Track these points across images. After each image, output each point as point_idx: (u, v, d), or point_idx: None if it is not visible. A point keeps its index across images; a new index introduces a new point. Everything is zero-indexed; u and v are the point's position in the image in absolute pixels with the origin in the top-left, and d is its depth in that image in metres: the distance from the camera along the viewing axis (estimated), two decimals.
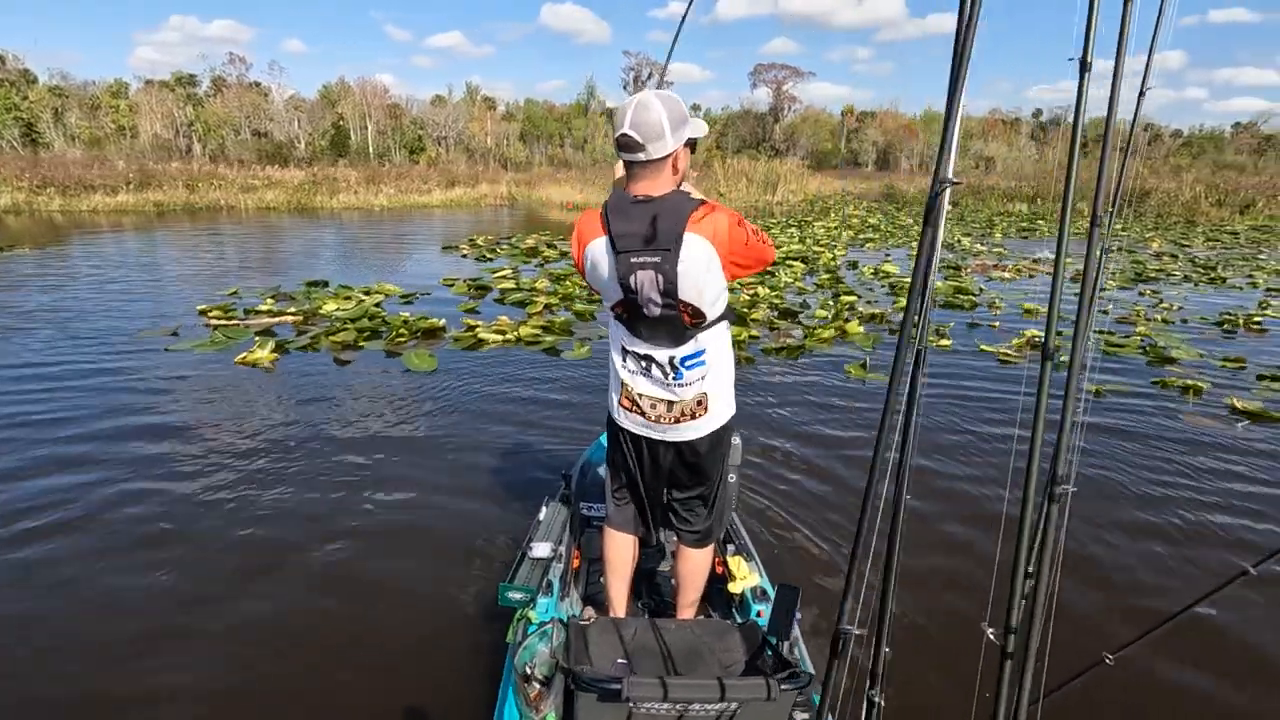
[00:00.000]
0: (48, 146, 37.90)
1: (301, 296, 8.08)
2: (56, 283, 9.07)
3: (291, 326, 6.90)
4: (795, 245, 13.69)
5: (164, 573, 2.88)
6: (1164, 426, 4.61)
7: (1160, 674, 2.40)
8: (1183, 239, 16.45)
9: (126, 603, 2.71)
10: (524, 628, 1.96)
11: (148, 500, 3.46)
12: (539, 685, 1.66)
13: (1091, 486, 3.75)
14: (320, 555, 3.03)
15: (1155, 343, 6.58)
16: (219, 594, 2.75)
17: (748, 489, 3.58)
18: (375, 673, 2.36)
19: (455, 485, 3.69)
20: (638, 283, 1.69)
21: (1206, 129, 62.03)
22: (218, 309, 7.34)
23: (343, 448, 4.10)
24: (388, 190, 26.88)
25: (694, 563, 2.09)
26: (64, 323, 6.93)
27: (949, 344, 6.47)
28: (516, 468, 3.90)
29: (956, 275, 10.59)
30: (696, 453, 1.93)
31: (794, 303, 8.31)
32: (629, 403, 1.91)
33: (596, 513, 2.56)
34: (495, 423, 4.53)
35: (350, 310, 7.03)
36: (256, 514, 3.35)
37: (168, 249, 13.31)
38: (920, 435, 3.51)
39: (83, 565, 2.93)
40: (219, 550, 3.05)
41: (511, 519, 3.29)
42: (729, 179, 29.55)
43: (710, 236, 1.65)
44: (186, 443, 4.15)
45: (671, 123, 1.63)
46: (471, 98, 55.54)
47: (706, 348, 1.80)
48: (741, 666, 1.69)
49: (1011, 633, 1.02)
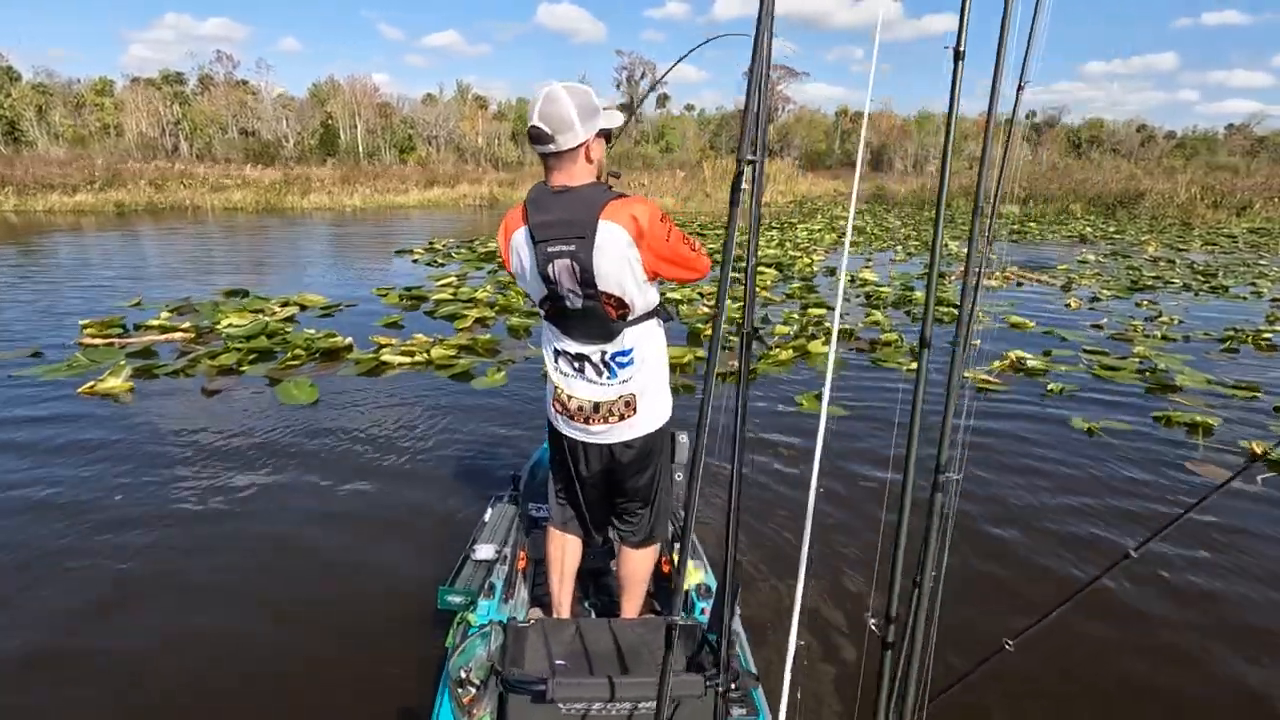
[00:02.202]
0: (31, 145, 37.00)
1: (207, 309, 7.25)
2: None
3: (178, 345, 6.08)
4: (772, 250, 12.91)
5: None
6: (1170, 482, 3.82)
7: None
8: (1179, 242, 15.74)
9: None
10: (463, 631, 1.95)
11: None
12: (474, 689, 1.67)
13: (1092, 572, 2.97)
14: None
15: (1155, 366, 5.80)
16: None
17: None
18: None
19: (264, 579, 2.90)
20: (556, 273, 1.69)
21: (1199, 131, 61.59)
22: (100, 324, 6.51)
23: (156, 509, 3.29)
24: (363, 190, 26.12)
25: (635, 563, 2.08)
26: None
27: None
28: (359, 546, 3.10)
29: (940, 283, 9.80)
30: (630, 456, 1.92)
31: (756, 316, 7.49)
32: (560, 406, 1.91)
33: (544, 513, 2.53)
34: (359, 478, 3.73)
35: (247, 327, 6.20)
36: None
37: (99, 252, 12.47)
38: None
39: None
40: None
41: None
42: (716, 179, 28.82)
43: (626, 224, 1.64)
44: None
45: (580, 114, 1.63)
46: (463, 97, 54.68)
47: (635, 345, 1.79)
48: (682, 664, 1.66)
49: (892, 622, 1.02)
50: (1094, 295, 9.11)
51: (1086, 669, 2.40)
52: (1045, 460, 4.02)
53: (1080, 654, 2.45)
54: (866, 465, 3.86)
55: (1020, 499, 3.56)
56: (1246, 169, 36.47)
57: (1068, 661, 2.41)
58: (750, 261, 1.14)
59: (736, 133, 24.84)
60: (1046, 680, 2.33)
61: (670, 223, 1.71)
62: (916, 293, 8.95)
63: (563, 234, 1.65)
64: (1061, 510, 3.47)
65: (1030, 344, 6.50)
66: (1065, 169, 32.67)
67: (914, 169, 51.93)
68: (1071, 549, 3.11)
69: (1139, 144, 55.91)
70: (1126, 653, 2.47)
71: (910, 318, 7.69)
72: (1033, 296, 9.13)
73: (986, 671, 1.30)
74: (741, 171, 0.88)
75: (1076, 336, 6.85)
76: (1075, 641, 2.49)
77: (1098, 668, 2.41)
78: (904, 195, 27.99)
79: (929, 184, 30.39)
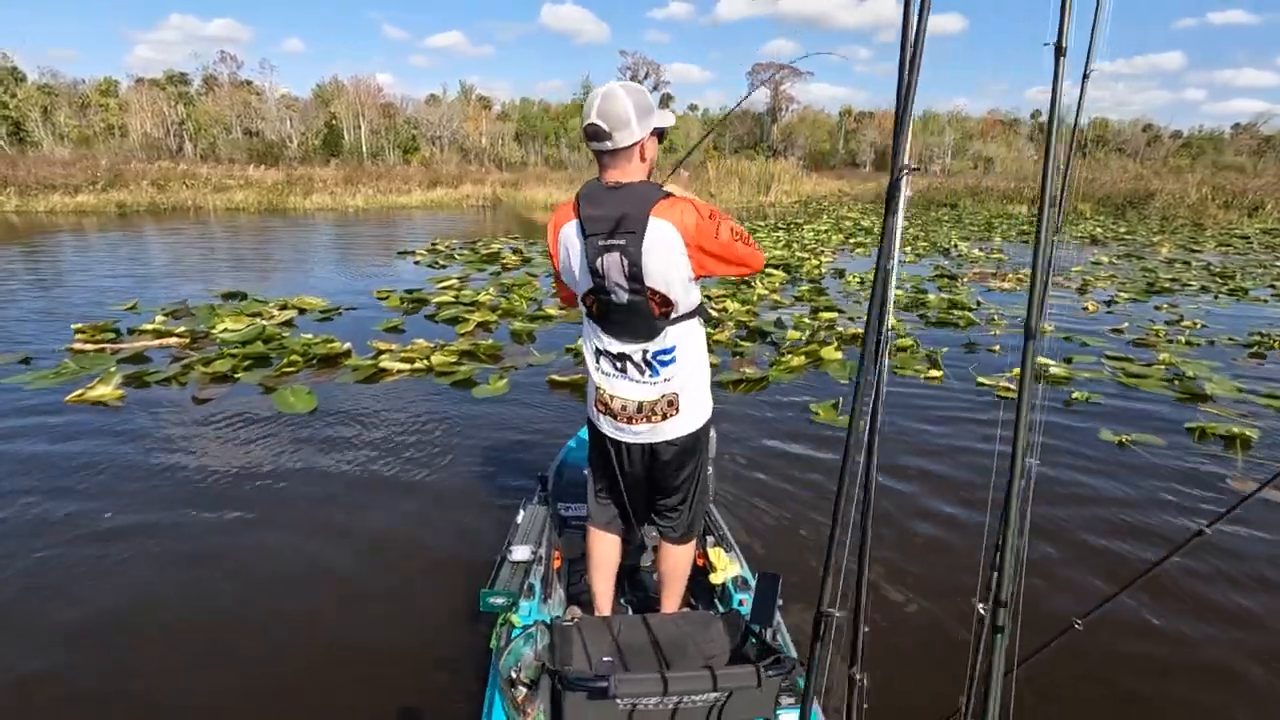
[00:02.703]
0: (36, 145, 36.96)
1: (203, 312, 7.07)
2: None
3: (173, 351, 5.91)
4: (779, 251, 12.71)
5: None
6: (1203, 494, 3.62)
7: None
8: (1193, 243, 15.49)
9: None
10: (507, 632, 1.98)
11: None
12: (525, 688, 1.68)
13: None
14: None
15: (1183, 373, 5.59)
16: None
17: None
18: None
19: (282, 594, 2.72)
20: (605, 266, 1.72)
21: (1206, 130, 61.11)
22: (93, 328, 6.34)
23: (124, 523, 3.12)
24: (366, 191, 25.98)
25: (676, 558, 2.12)
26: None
27: (940, 375, 5.48)
28: (365, 558, 2.92)
29: (952, 285, 9.60)
30: (672, 454, 1.93)
31: (766, 320, 7.30)
32: (602, 406, 1.92)
33: (575, 513, 2.57)
34: (359, 490, 3.55)
35: (243, 332, 6.03)
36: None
37: (99, 253, 12.32)
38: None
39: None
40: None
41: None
42: (720, 179, 28.64)
43: (676, 222, 1.67)
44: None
45: (637, 112, 1.67)
46: (466, 97, 54.52)
47: (677, 344, 1.80)
48: (727, 656, 1.70)
49: (1002, 605, 1.04)
50: (1111, 298, 8.89)
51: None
52: (1074, 474, 3.83)
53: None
54: (888, 477, 3.67)
55: (1048, 515, 3.36)
56: (1253, 168, 36.15)
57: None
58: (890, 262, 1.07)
59: (740, 133, 24.74)
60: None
61: (720, 218, 1.72)
62: (929, 295, 8.74)
63: (614, 229, 1.68)
64: (1095, 525, 3.27)
65: (1050, 349, 6.30)
66: (1072, 168, 32.38)
67: (917, 169, 51.61)
68: (1110, 564, 2.92)
69: (1145, 144, 55.55)
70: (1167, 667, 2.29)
71: (924, 321, 7.49)
72: (1048, 299, 8.88)
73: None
74: (898, 179, 0.90)
75: (1097, 342, 6.64)
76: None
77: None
78: (911, 195, 27.69)
79: (934, 184, 30.15)
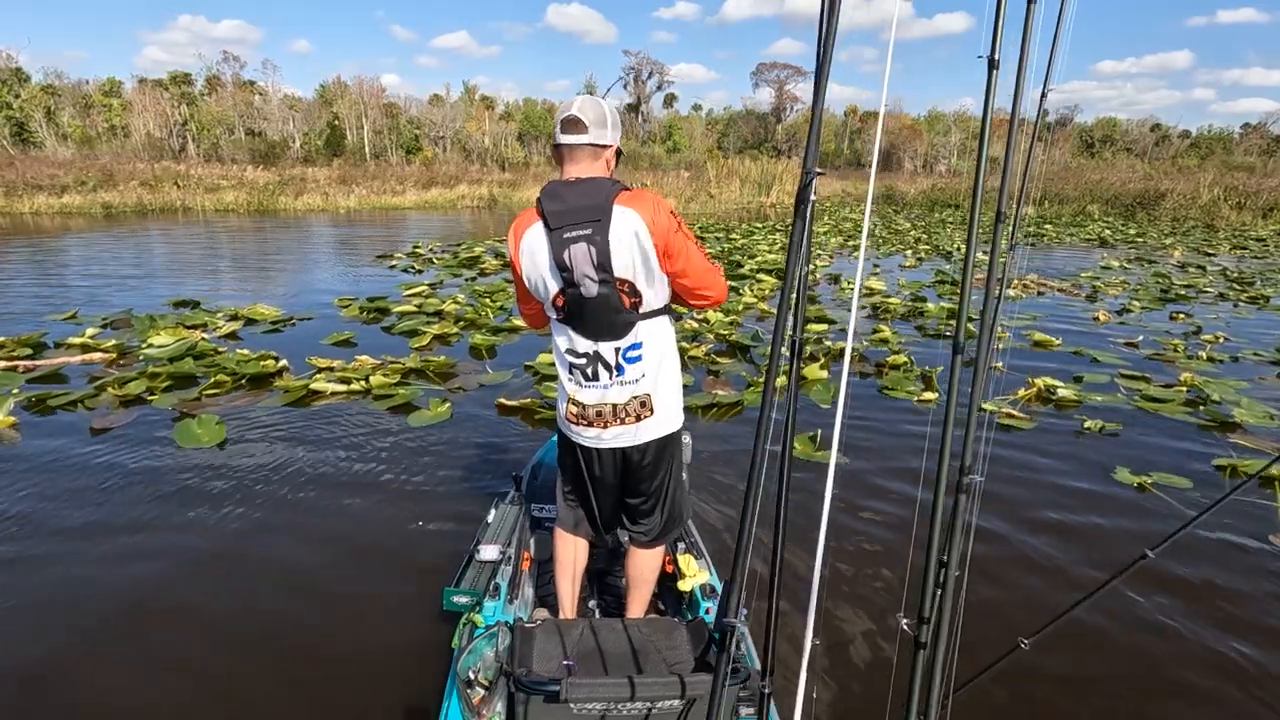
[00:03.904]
0: (39, 145, 36.69)
1: (141, 323, 6.57)
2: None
3: (100, 366, 5.41)
4: (773, 255, 12.16)
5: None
6: (1246, 569, 3.06)
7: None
8: (1205, 246, 14.87)
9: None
10: (470, 632, 1.92)
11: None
12: (482, 690, 1.66)
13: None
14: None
15: (1207, 396, 5.01)
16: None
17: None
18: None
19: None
20: (572, 258, 1.70)
21: (1215, 130, 60.10)
22: (13, 342, 5.84)
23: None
24: (359, 191, 25.54)
25: (643, 563, 2.08)
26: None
27: (935, 398, 4.92)
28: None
29: (954, 292, 9.03)
30: (644, 459, 1.92)
31: (748, 332, 6.76)
32: (575, 415, 1.90)
33: (547, 514, 2.50)
34: (234, 561, 3.03)
35: (172, 348, 5.52)
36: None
37: (66, 256, 11.87)
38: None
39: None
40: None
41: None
42: (720, 180, 28.06)
43: (640, 210, 1.68)
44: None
45: (612, 120, 1.76)
46: (469, 97, 54.08)
47: (645, 341, 1.80)
48: (690, 663, 1.66)
49: (925, 623, 1.04)
50: (1123, 307, 8.30)
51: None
52: (1085, 524, 3.28)
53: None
54: (870, 505, 3.12)
55: (1056, 582, 2.82)
56: (1264, 168, 35.35)
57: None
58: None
59: (745, 133, 24.26)
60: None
61: (680, 220, 1.74)
62: (929, 304, 8.18)
63: (579, 219, 1.68)
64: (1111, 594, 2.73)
65: (1057, 365, 5.74)
66: (1079, 169, 31.68)
67: (924, 169, 50.90)
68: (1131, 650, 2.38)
69: (1153, 143, 54.66)
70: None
71: (921, 333, 6.94)
72: (1056, 308, 8.32)
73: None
74: (808, 183, 0.91)
75: (1109, 358, 6.07)
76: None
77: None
78: (914, 196, 27.00)
79: (938, 184, 29.48)
